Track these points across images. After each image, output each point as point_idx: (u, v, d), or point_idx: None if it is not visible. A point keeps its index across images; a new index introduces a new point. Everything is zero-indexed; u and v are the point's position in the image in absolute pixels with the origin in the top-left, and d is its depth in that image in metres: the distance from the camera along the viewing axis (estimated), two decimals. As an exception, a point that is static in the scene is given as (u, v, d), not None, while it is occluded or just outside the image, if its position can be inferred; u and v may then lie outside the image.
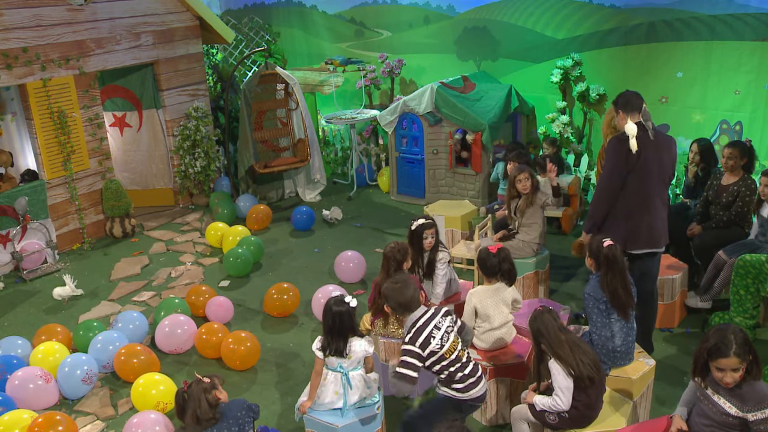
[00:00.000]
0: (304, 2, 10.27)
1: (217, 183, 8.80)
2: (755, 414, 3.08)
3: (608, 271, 4.00)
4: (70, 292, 6.32)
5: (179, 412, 3.53)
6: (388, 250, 4.56)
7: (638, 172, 4.36)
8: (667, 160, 4.47)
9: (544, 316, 3.64)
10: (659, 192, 4.48)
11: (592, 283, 4.10)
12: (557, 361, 3.55)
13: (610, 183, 4.46)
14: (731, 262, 5.13)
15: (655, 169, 4.39)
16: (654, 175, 4.40)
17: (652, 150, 4.36)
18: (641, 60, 7.22)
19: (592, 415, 3.64)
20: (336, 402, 3.85)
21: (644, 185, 4.40)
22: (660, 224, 4.51)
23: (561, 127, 7.83)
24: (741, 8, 6.42)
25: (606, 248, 4.02)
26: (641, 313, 4.52)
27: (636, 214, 4.44)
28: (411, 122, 8.16)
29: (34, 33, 6.81)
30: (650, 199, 4.44)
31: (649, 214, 4.45)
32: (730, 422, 3.16)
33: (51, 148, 7.11)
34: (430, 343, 3.57)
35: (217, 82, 10.02)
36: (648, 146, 4.35)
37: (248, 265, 6.65)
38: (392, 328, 4.59)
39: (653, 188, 4.43)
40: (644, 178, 4.38)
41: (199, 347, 5.28)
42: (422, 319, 3.66)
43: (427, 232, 4.88)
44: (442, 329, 3.63)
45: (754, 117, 6.56)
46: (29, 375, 4.68)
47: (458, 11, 8.71)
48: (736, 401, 3.13)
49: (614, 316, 4.03)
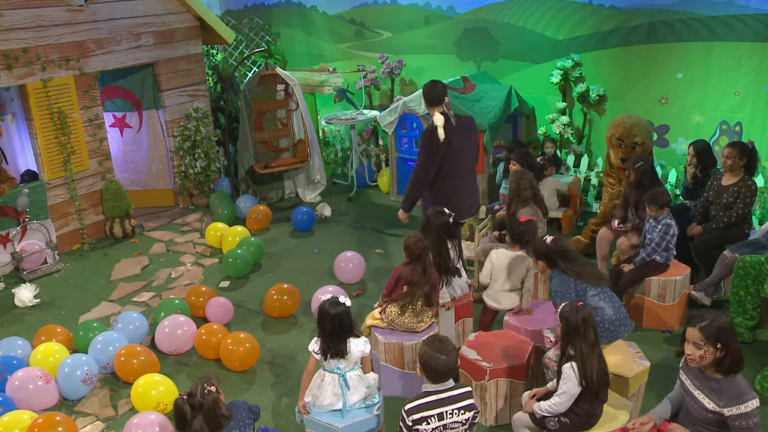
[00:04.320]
0: (304, 3, 10.27)
1: (217, 183, 8.80)
2: (731, 409, 3.11)
3: (565, 261, 4.16)
4: (27, 303, 6.21)
5: (180, 422, 3.50)
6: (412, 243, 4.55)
7: (449, 156, 5.02)
8: (471, 139, 5.23)
9: (587, 311, 3.61)
10: (470, 167, 5.26)
11: (556, 280, 4.21)
12: (575, 366, 3.54)
13: (426, 169, 5.07)
14: (734, 257, 5.15)
15: (462, 150, 5.10)
16: (463, 155, 5.12)
17: (456, 135, 5.02)
18: (641, 61, 7.22)
19: (593, 422, 3.66)
20: (335, 403, 3.86)
21: (457, 165, 5.09)
22: (475, 194, 5.34)
23: (561, 128, 7.83)
24: (741, 9, 6.42)
25: (551, 243, 4.20)
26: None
27: (457, 191, 5.15)
28: (411, 123, 8.16)
29: (34, 33, 6.81)
30: (464, 175, 5.17)
31: (466, 187, 5.21)
32: (709, 418, 3.18)
33: (51, 148, 7.11)
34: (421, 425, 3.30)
35: (217, 82, 10.02)
36: (453, 132, 4.98)
37: (247, 265, 6.65)
38: (406, 320, 4.57)
39: (464, 166, 5.16)
40: (455, 160, 5.06)
41: (198, 348, 5.28)
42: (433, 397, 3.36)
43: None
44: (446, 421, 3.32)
45: (754, 118, 6.56)
46: (29, 375, 4.68)
47: (458, 12, 8.71)
48: (713, 396, 3.17)
49: (590, 291, 4.11)
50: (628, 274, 5.27)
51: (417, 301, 4.55)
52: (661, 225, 5.17)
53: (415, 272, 4.51)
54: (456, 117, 5.03)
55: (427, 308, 4.60)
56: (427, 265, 4.55)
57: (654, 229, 5.23)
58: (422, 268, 4.52)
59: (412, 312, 4.56)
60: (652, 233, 5.25)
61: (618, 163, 6.48)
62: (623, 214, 5.89)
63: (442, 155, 4.97)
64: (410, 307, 4.55)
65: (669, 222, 5.16)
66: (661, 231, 5.16)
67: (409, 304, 4.55)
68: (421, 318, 4.58)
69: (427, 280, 4.53)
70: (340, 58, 10.07)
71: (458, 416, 3.35)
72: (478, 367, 4.26)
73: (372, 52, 9.67)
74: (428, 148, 4.98)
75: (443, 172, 5.05)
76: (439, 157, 4.98)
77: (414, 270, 4.52)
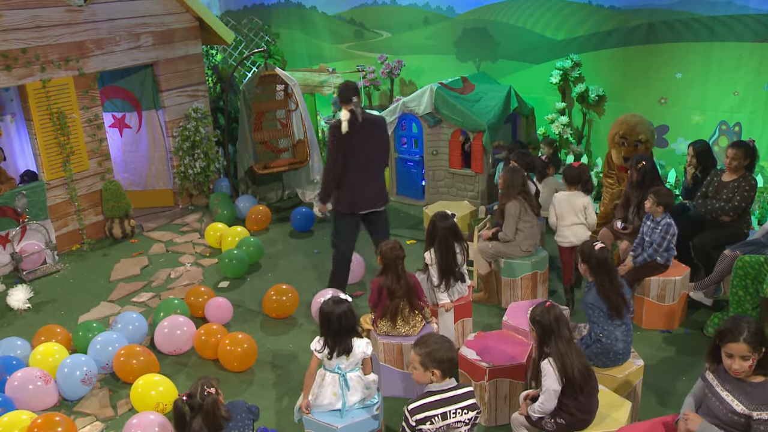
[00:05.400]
0: (303, 3, 10.27)
1: (217, 184, 8.80)
2: (760, 413, 3.06)
3: (605, 277, 4.11)
4: (20, 306, 6.18)
5: (179, 423, 3.50)
6: (386, 250, 4.56)
7: (354, 151, 5.36)
8: (379, 138, 5.56)
9: (557, 310, 3.62)
10: (375, 164, 5.55)
11: (592, 294, 4.18)
12: (553, 362, 3.54)
13: (335, 161, 5.45)
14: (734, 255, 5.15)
15: (367, 147, 5.42)
16: (367, 151, 5.44)
17: (362, 131, 5.34)
18: (641, 61, 7.23)
19: (589, 418, 3.65)
20: (335, 403, 3.86)
21: (361, 162, 5.42)
22: (378, 189, 5.61)
23: (560, 128, 7.83)
24: (740, 9, 6.43)
25: (598, 251, 4.14)
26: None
27: (359, 185, 5.47)
28: (410, 123, 8.16)
29: (33, 34, 6.81)
30: (368, 172, 5.49)
31: (369, 183, 5.51)
32: (735, 421, 3.13)
33: (50, 149, 7.11)
34: (424, 425, 3.30)
35: (216, 83, 10.02)
36: (358, 129, 5.31)
37: (244, 266, 6.65)
38: (399, 328, 4.58)
39: (369, 163, 5.48)
40: (359, 155, 5.39)
41: (198, 348, 5.28)
42: (436, 397, 3.37)
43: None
44: (449, 420, 3.32)
45: (754, 118, 6.57)
46: (28, 376, 4.67)
47: (458, 12, 8.71)
48: (744, 398, 3.11)
49: (617, 321, 4.10)
50: (627, 275, 5.27)
51: (404, 309, 4.56)
52: (661, 226, 5.17)
53: (391, 280, 4.52)
54: (364, 115, 5.39)
55: (415, 312, 4.61)
56: (400, 273, 4.54)
57: (654, 230, 5.23)
58: (395, 275, 4.52)
59: (403, 320, 4.57)
60: (651, 235, 5.25)
61: (620, 162, 6.49)
62: (624, 215, 5.88)
63: (345, 149, 5.37)
64: (399, 317, 4.56)
65: (669, 222, 5.16)
66: (662, 231, 5.16)
67: (396, 313, 4.56)
68: (413, 324, 4.59)
69: (401, 285, 4.53)
70: (340, 58, 10.08)
71: (461, 416, 3.35)
72: (478, 368, 4.26)
73: (371, 52, 9.67)
74: (333, 141, 5.43)
75: (348, 166, 5.42)
76: (343, 151, 5.38)
77: (388, 278, 4.53)
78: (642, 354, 4.65)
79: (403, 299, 4.55)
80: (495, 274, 5.80)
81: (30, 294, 6.31)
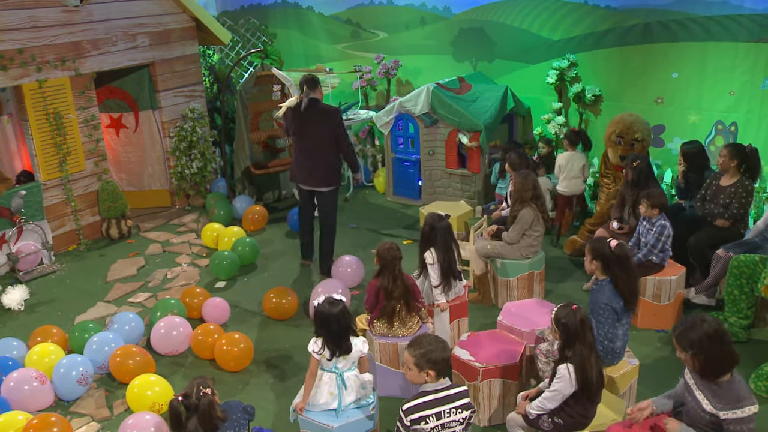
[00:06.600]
0: (300, 3, 10.27)
1: (214, 184, 8.80)
2: (726, 413, 3.08)
3: (621, 271, 4.03)
4: (14, 306, 6.18)
5: (175, 423, 3.50)
6: (383, 251, 4.57)
7: (298, 132, 6.15)
8: (325, 125, 6.08)
9: (582, 312, 3.60)
10: (318, 147, 6.11)
11: (606, 292, 4.04)
12: (572, 368, 3.52)
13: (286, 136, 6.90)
14: (728, 256, 5.15)
15: (311, 130, 6.09)
16: (311, 134, 6.10)
17: (308, 118, 6.06)
18: (637, 61, 7.23)
19: (586, 423, 3.67)
20: (331, 403, 3.86)
21: (304, 143, 6.16)
22: (315, 169, 6.17)
23: (557, 128, 7.83)
24: (736, 9, 6.44)
25: (616, 248, 4.05)
26: (323, 245, 6.45)
27: (298, 161, 6.24)
28: (407, 123, 8.16)
29: (29, 34, 6.80)
30: (308, 152, 6.14)
31: (308, 161, 6.16)
32: (706, 420, 3.16)
33: (47, 149, 7.11)
34: (419, 425, 3.31)
35: (213, 83, 10.02)
36: (305, 114, 6.06)
37: (235, 266, 6.65)
38: (396, 329, 4.58)
39: (311, 145, 6.11)
40: (303, 136, 6.14)
41: (195, 348, 5.28)
42: (431, 397, 3.38)
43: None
44: (444, 420, 3.33)
45: (750, 118, 6.57)
46: (24, 376, 4.67)
47: (454, 12, 8.71)
48: (712, 398, 3.14)
49: (623, 320, 4.07)
50: None
51: (401, 311, 4.57)
52: (655, 227, 5.17)
53: (388, 281, 4.52)
54: (312, 103, 6.05)
55: (412, 313, 4.62)
56: (397, 274, 4.54)
57: (648, 231, 5.23)
58: (392, 276, 4.52)
59: (400, 322, 4.58)
60: (647, 236, 5.25)
61: (617, 161, 6.49)
62: (620, 215, 5.88)
63: (293, 128, 6.18)
64: (396, 318, 4.57)
65: (663, 223, 5.17)
66: (656, 233, 5.17)
67: (393, 315, 4.56)
68: (409, 325, 4.60)
69: (398, 286, 4.53)
70: (337, 58, 10.07)
71: (456, 415, 3.36)
72: (471, 368, 4.26)
73: (368, 52, 9.67)
74: (284, 121, 6.33)
75: (294, 143, 6.30)
76: (293, 129, 6.19)
77: (385, 279, 4.53)
78: (637, 353, 4.66)
79: (400, 300, 4.55)
80: (491, 275, 5.80)
81: (27, 295, 6.30)
